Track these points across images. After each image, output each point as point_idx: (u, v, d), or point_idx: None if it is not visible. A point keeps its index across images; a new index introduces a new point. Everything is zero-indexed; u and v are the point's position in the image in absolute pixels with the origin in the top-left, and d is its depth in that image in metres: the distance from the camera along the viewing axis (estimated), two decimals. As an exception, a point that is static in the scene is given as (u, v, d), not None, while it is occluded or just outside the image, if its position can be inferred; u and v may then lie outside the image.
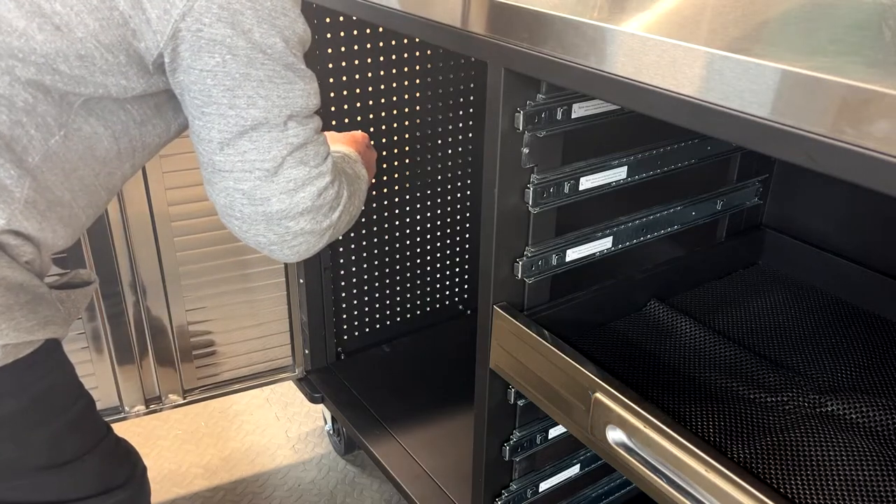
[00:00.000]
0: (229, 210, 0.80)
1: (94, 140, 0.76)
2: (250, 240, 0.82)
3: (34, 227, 0.74)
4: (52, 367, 0.79)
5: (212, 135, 0.76)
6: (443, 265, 1.76)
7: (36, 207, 0.74)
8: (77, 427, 0.83)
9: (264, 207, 0.78)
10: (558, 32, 0.75)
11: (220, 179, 0.78)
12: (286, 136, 0.77)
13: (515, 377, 0.97)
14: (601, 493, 1.23)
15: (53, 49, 0.69)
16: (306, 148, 0.79)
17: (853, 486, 0.82)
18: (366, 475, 1.68)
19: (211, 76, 0.73)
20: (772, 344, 1.07)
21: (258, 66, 0.74)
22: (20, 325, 0.73)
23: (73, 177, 0.77)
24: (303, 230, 0.82)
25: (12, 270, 0.72)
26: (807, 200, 1.22)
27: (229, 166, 0.77)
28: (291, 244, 0.83)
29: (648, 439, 0.78)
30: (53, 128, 0.73)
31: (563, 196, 0.96)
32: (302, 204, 0.79)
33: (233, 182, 0.77)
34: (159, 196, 1.36)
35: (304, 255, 0.86)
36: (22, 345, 0.73)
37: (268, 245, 0.82)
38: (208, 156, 0.77)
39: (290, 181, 0.78)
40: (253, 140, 0.75)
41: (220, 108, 0.74)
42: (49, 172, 0.74)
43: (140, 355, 1.46)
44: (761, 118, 0.58)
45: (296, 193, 0.79)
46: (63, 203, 0.77)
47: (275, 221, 0.79)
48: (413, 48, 1.51)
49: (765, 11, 0.75)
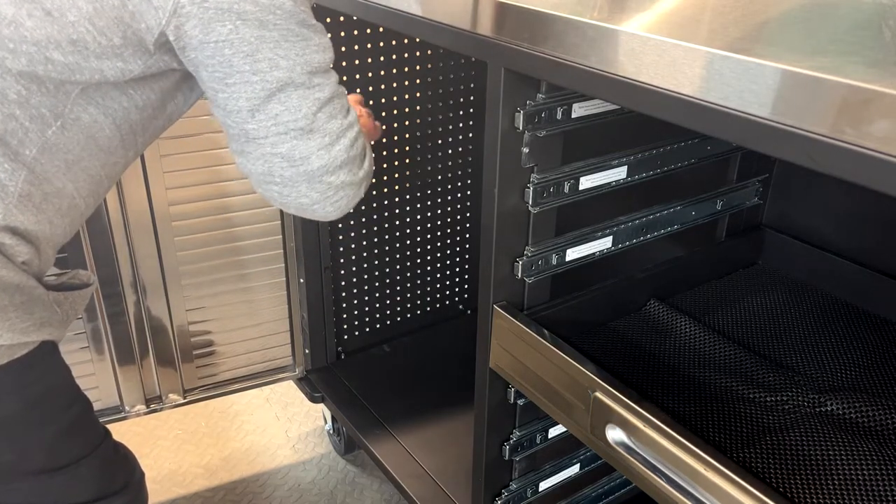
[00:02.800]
0: (268, 177, 0.79)
1: (94, 129, 0.76)
2: (291, 203, 0.82)
3: (30, 220, 0.73)
4: (47, 370, 0.78)
5: (240, 104, 0.75)
6: (443, 265, 1.76)
7: (31, 200, 0.73)
8: (74, 431, 0.82)
9: (305, 167, 0.78)
10: (558, 32, 0.75)
11: (256, 147, 0.77)
12: (312, 92, 0.76)
13: (515, 377, 0.97)
14: (601, 492, 1.23)
15: (44, 35, 0.68)
16: (333, 102, 0.79)
17: (853, 486, 0.82)
18: (366, 475, 1.68)
19: (228, 45, 0.72)
20: (771, 343, 1.08)
21: (271, 27, 0.73)
22: (14, 326, 0.72)
23: (77, 167, 0.76)
24: (343, 183, 0.81)
25: (7, 271, 0.71)
26: (807, 200, 1.22)
27: (263, 132, 0.76)
28: (334, 199, 0.82)
29: (648, 439, 0.78)
30: (49, 119, 0.72)
31: (563, 196, 0.96)
32: (340, 157, 0.79)
33: (270, 147, 0.77)
34: (160, 196, 1.36)
35: (345, 209, 0.85)
36: (16, 346, 0.73)
37: (310, 205, 0.81)
38: (239, 126, 0.76)
39: (325, 135, 0.78)
40: (282, 101, 0.75)
41: (244, 76, 0.73)
42: (49, 164, 0.73)
43: (140, 355, 1.46)
44: (761, 118, 0.58)
45: (332, 147, 0.78)
46: (63, 194, 0.76)
47: (316, 179, 0.79)
48: (413, 48, 1.51)
49: (765, 11, 0.75)
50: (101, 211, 1.32)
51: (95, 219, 1.32)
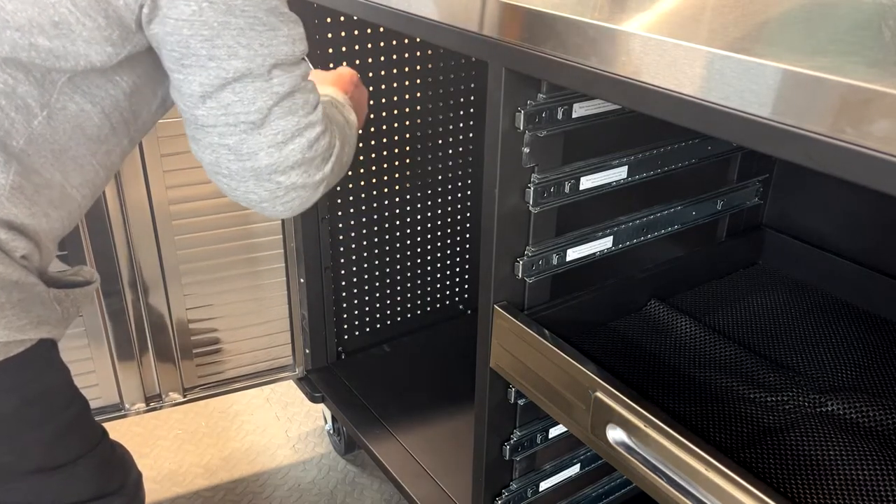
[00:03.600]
0: (216, 167, 0.77)
1: (81, 118, 0.74)
2: (240, 198, 0.79)
3: (24, 213, 0.72)
4: (45, 369, 0.77)
5: (192, 88, 0.72)
6: (443, 265, 1.76)
7: (23, 192, 0.71)
8: (72, 430, 0.81)
9: (252, 162, 0.75)
10: (559, 32, 0.75)
11: (205, 135, 0.75)
12: (271, 85, 0.73)
13: (516, 376, 0.97)
14: (601, 492, 1.23)
15: (26, 18, 0.66)
16: (294, 97, 0.75)
17: (853, 486, 0.82)
18: (366, 475, 1.68)
19: (187, 25, 0.69)
20: (772, 344, 1.08)
21: (237, 13, 0.70)
22: (10, 323, 0.71)
23: (65, 157, 0.74)
24: (294, 185, 0.78)
25: (5, 267, 0.70)
26: (807, 200, 1.23)
27: (212, 120, 0.73)
28: (283, 200, 0.79)
29: (649, 438, 0.78)
30: (35, 109, 0.70)
31: (563, 196, 0.96)
32: (292, 157, 0.76)
33: (217, 137, 0.74)
34: (160, 194, 1.36)
35: (297, 210, 0.82)
36: (12, 343, 0.72)
37: (258, 202, 0.79)
38: (190, 111, 0.74)
39: (277, 133, 0.74)
40: (236, 92, 0.72)
41: (200, 60, 0.70)
42: (36, 155, 0.71)
43: (140, 353, 1.47)
44: (762, 118, 0.58)
45: (285, 146, 0.75)
46: (53, 185, 0.74)
47: (264, 177, 0.76)
48: (413, 48, 1.51)
49: (765, 11, 0.75)
50: (101, 210, 1.32)
51: (96, 217, 1.32)
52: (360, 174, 1.56)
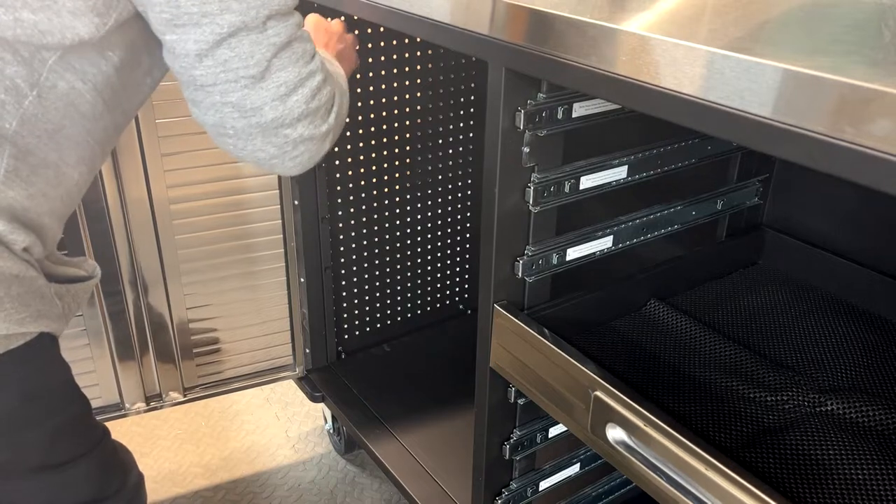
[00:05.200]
0: (220, 129, 0.75)
1: (73, 96, 0.72)
2: (248, 157, 0.77)
3: (21, 195, 0.71)
4: (46, 365, 0.77)
5: (187, 48, 0.70)
6: (443, 265, 1.77)
7: (18, 175, 0.71)
8: (72, 429, 0.81)
9: (258, 118, 0.73)
10: (559, 32, 0.75)
11: (206, 96, 0.73)
12: (267, 36, 0.71)
13: (516, 376, 0.97)
14: (601, 492, 1.24)
15: None
16: (292, 46, 0.74)
17: (853, 486, 0.82)
18: (366, 475, 1.68)
19: None
20: (772, 343, 1.08)
21: None
22: (10, 316, 0.70)
23: (59, 136, 0.73)
24: (302, 137, 0.76)
25: (4, 261, 0.70)
26: (807, 200, 1.23)
27: (212, 79, 0.71)
28: (293, 155, 0.78)
29: (648, 438, 0.78)
30: (24, 89, 0.69)
31: (563, 195, 0.96)
32: (297, 108, 0.74)
33: (219, 96, 0.72)
34: (160, 193, 1.36)
35: (307, 164, 0.80)
36: (12, 336, 0.71)
37: (268, 160, 0.77)
38: (187, 72, 0.72)
39: (280, 85, 0.73)
40: (232, 47, 0.70)
41: (192, 18, 0.68)
42: (30, 136, 0.70)
43: (140, 353, 1.47)
44: (762, 117, 0.58)
45: (289, 98, 0.74)
46: (48, 164, 0.73)
47: (271, 132, 0.75)
48: (413, 48, 1.51)
49: (765, 11, 0.75)
50: (101, 208, 1.32)
51: (96, 216, 1.32)
52: (360, 174, 1.56)
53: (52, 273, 0.78)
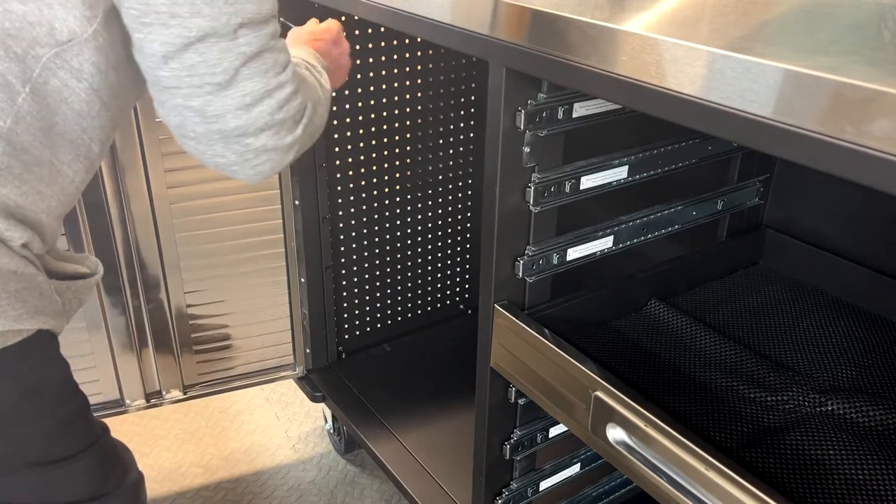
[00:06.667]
0: (182, 130, 0.74)
1: (67, 93, 0.71)
2: (208, 161, 0.76)
3: (14, 192, 0.70)
4: (43, 361, 0.76)
5: (154, 48, 0.69)
6: (443, 265, 1.77)
7: (11, 172, 0.70)
8: (71, 426, 0.80)
9: (219, 125, 0.72)
10: (560, 32, 0.75)
11: (169, 97, 0.71)
12: (237, 45, 0.69)
13: (516, 376, 0.97)
14: (602, 492, 1.24)
15: None
16: (262, 57, 0.72)
17: (853, 486, 0.82)
18: (366, 475, 1.68)
19: None
20: (772, 343, 1.08)
21: None
22: (5, 312, 0.70)
23: (53, 134, 0.72)
24: (265, 147, 0.75)
25: (1, 257, 0.69)
26: (807, 200, 1.23)
27: (176, 82, 0.70)
28: (254, 163, 0.76)
29: (649, 438, 0.78)
30: (17, 86, 0.68)
31: (564, 195, 0.96)
32: (261, 119, 0.73)
33: (182, 99, 0.71)
34: (161, 192, 1.36)
35: (268, 174, 0.78)
36: (8, 333, 0.70)
37: (228, 166, 0.76)
38: (152, 72, 0.71)
39: (245, 95, 0.71)
40: (200, 52, 0.68)
41: (161, 18, 0.67)
42: (25, 133, 0.70)
43: (140, 350, 1.47)
44: (762, 117, 0.58)
45: (253, 108, 0.72)
46: (42, 162, 0.72)
47: (233, 139, 0.73)
48: (413, 48, 1.51)
49: (765, 11, 0.75)
50: (102, 206, 1.33)
51: (96, 214, 1.33)
52: (361, 174, 1.56)
53: (53, 269, 0.78)
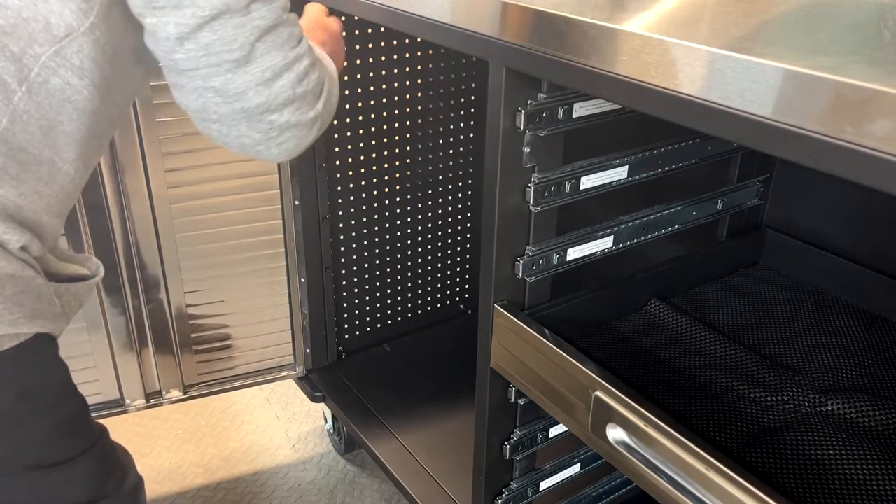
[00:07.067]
0: (204, 114, 0.73)
1: (69, 92, 0.71)
2: (233, 143, 0.76)
3: (12, 193, 0.69)
4: (41, 364, 0.76)
5: (168, 30, 0.68)
6: (443, 265, 1.77)
7: (7, 172, 0.69)
8: (69, 429, 0.80)
9: (242, 103, 0.71)
10: (560, 31, 0.75)
11: (188, 80, 0.71)
12: (251, 19, 0.69)
13: (516, 376, 0.97)
14: (602, 492, 1.24)
15: None
16: (277, 30, 0.71)
17: (853, 486, 0.82)
18: (366, 475, 1.68)
19: None
20: (772, 343, 1.08)
21: None
22: (2, 317, 0.69)
23: (55, 132, 0.72)
24: (289, 123, 0.74)
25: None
26: (807, 200, 1.23)
27: (193, 63, 0.69)
28: (278, 141, 0.75)
29: (649, 438, 0.78)
30: (12, 85, 0.67)
31: (564, 195, 0.96)
32: (283, 94, 0.72)
33: (201, 80, 0.70)
34: (161, 192, 1.36)
35: (293, 152, 0.78)
36: (5, 337, 0.70)
37: (253, 146, 0.75)
38: (168, 56, 0.70)
39: (265, 69, 0.71)
40: (215, 30, 0.68)
41: (172, 1, 0.67)
42: (22, 133, 0.69)
43: (140, 350, 1.47)
44: (762, 117, 0.58)
45: (274, 83, 0.71)
46: (41, 161, 0.71)
47: (256, 117, 0.73)
48: (413, 48, 1.51)
49: (765, 11, 0.75)
50: (102, 207, 1.33)
51: (96, 214, 1.33)
52: (361, 174, 1.56)
53: (53, 271, 0.77)
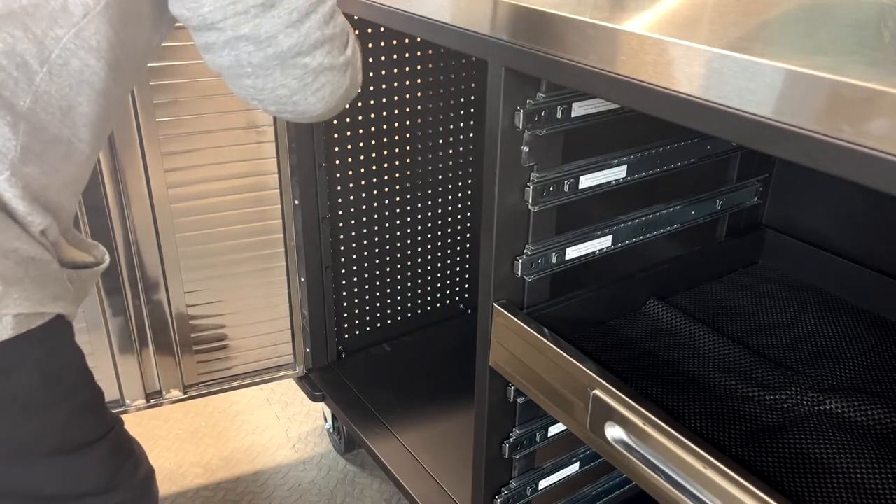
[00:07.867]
0: (238, 69, 0.75)
1: (88, 73, 0.72)
2: (269, 98, 0.77)
3: (36, 171, 0.71)
4: (62, 346, 0.77)
5: None
6: (443, 264, 1.77)
7: (32, 151, 0.71)
8: (87, 413, 0.81)
9: (273, 48, 0.73)
10: (559, 31, 0.75)
11: (218, 34, 0.73)
12: None
13: (515, 375, 0.97)
14: (601, 491, 1.24)
15: None
16: None
17: (852, 485, 0.82)
18: (366, 474, 1.68)
19: None
20: (771, 343, 1.08)
21: None
22: (31, 296, 0.71)
23: (74, 113, 0.73)
24: (322, 66, 0.76)
25: (21, 242, 0.70)
26: (807, 200, 1.23)
27: (221, 14, 0.72)
28: (314, 87, 0.77)
29: (647, 436, 0.78)
30: (34, 66, 0.68)
31: (562, 194, 0.96)
32: (312, 35, 0.74)
33: (231, 31, 0.73)
34: (161, 192, 1.36)
35: (329, 101, 0.80)
36: (33, 315, 0.71)
37: (290, 97, 0.77)
38: (195, 13, 0.72)
39: (292, 11, 0.73)
40: None
41: None
42: (44, 113, 0.70)
43: (140, 349, 1.47)
44: (761, 117, 0.58)
45: (302, 24, 0.73)
46: (60, 140, 0.73)
47: (289, 62, 0.74)
48: (413, 48, 1.51)
49: (765, 11, 0.75)
50: (102, 207, 1.33)
51: (97, 214, 1.33)
52: (361, 174, 1.56)
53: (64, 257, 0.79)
